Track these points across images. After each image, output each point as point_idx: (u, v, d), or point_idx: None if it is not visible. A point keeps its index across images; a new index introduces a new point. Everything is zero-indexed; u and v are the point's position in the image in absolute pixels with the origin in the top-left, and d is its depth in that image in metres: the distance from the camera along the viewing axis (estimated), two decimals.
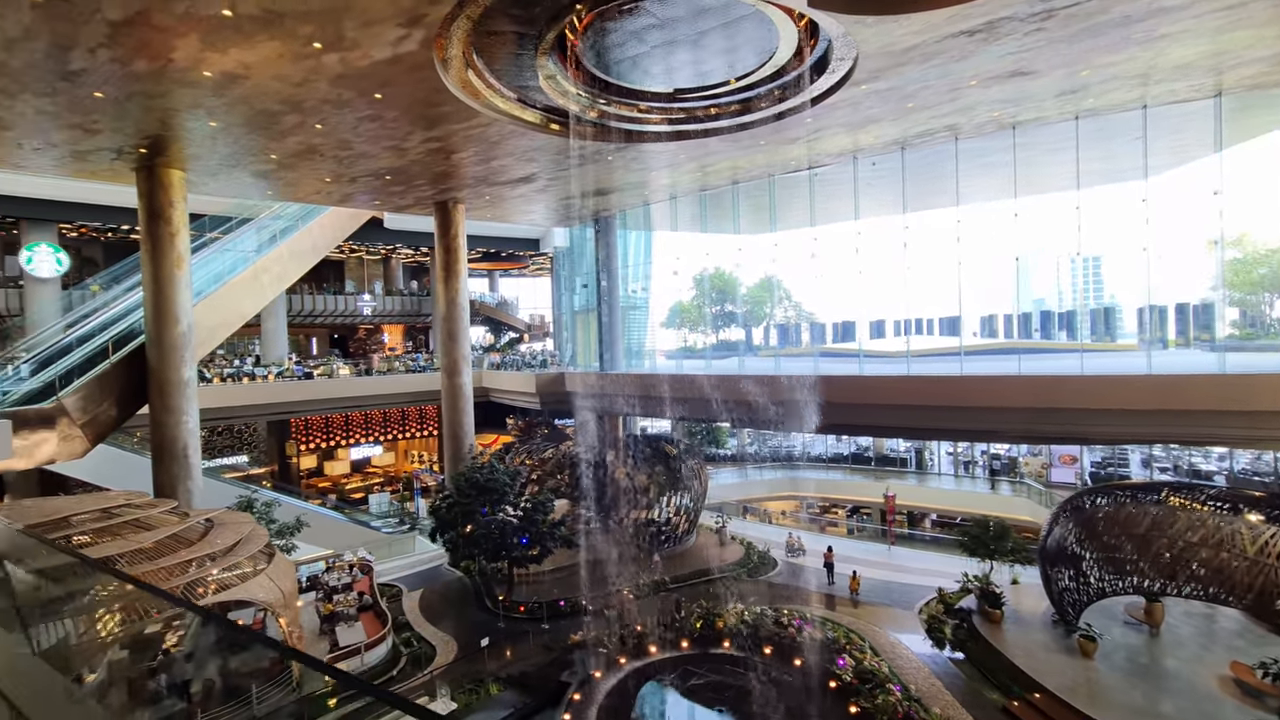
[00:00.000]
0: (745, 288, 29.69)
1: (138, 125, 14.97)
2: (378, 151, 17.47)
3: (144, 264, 18.36)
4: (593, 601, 19.74)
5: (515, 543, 19.33)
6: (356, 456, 39.86)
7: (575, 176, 20.68)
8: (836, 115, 15.82)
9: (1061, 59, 12.81)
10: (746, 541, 24.76)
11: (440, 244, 24.45)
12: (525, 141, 17.17)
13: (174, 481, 18.30)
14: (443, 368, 24.71)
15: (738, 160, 19.88)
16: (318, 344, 43.17)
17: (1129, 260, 17.18)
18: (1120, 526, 14.35)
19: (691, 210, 25.39)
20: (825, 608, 20.08)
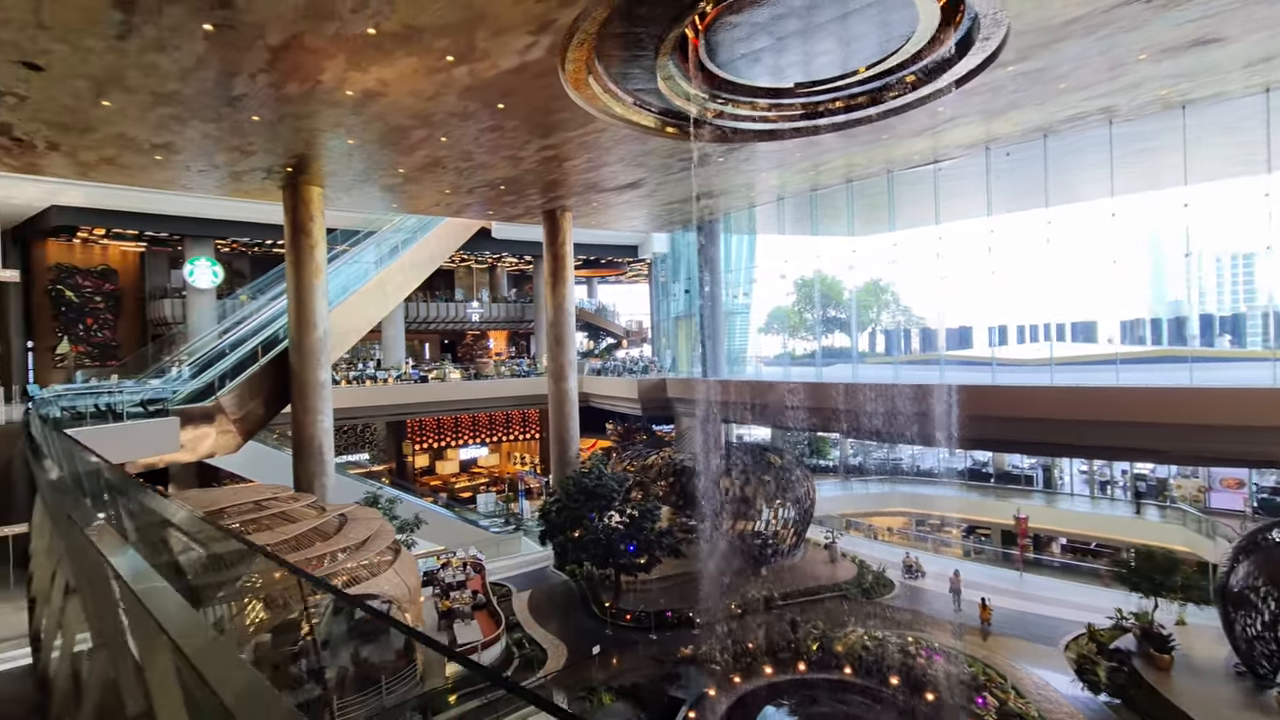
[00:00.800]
0: (853, 291, 28.25)
1: (286, 145, 16.18)
2: (495, 161, 17.98)
3: (288, 274, 19.87)
4: (701, 614, 19.27)
5: (622, 550, 19.22)
6: (464, 457, 41.57)
7: (685, 180, 20.42)
8: (973, 102, 14.59)
9: (1260, 20, 11.07)
10: (859, 559, 23.40)
11: (548, 251, 24.96)
12: (637, 146, 17.10)
13: (310, 477, 19.61)
14: (549, 372, 25.16)
15: (854, 157, 18.88)
16: (430, 349, 45.51)
17: None
18: None
19: (799, 212, 24.47)
20: (952, 637, 18.56)
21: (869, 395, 17.82)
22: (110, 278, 31.63)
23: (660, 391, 28.89)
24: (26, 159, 16.41)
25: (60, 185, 24.98)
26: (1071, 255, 17.84)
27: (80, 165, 17.12)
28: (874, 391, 17.40)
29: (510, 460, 43.85)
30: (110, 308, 31.61)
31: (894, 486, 37.80)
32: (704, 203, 24.55)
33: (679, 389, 28.06)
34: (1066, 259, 18.06)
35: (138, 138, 15.17)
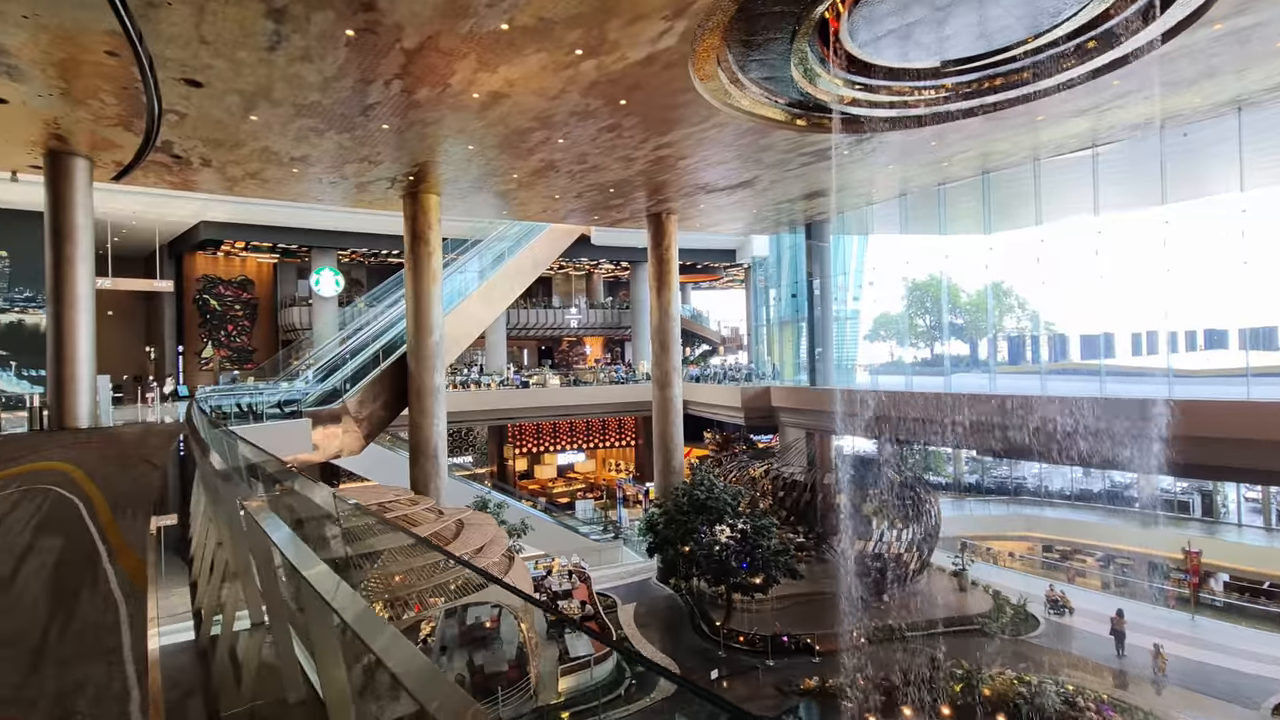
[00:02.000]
0: (981, 292, 25.90)
1: (410, 154, 16.53)
2: (608, 163, 17.63)
3: (407, 280, 20.42)
4: (821, 641, 17.95)
5: (735, 567, 18.24)
6: (561, 462, 41.89)
7: (802, 177, 19.30)
8: (1158, 71, 12.65)
9: None
10: (992, 589, 21.18)
11: (652, 255, 24.48)
12: (756, 141, 16.21)
13: (426, 479, 19.97)
14: (654, 379, 24.61)
15: (995, 144, 17.08)
16: (528, 355, 46.40)
17: None
18: None
19: (920, 209, 22.60)
20: (1115, 685, 16.26)
21: (1049, 410, 15.60)
22: (248, 287, 34.20)
23: (764, 400, 27.64)
24: (183, 175, 17.69)
25: (208, 202, 27.14)
26: (1268, 248, 15.13)
27: (228, 180, 18.28)
28: (1062, 406, 15.20)
29: (605, 467, 43.79)
30: (247, 315, 34.18)
31: (1017, 508, 34.53)
32: (815, 201, 23.24)
33: (785, 398, 26.72)
34: (1262, 252, 15.34)
35: (279, 151, 15.93)
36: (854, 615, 19.50)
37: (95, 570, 4.15)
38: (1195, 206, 19.16)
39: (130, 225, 27.35)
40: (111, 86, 12.02)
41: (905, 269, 27.40)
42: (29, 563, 4.40)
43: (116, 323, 30.41)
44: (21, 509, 6.12)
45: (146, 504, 6.15)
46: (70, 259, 15.42)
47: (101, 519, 5.61)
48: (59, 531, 5.23)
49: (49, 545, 4.80)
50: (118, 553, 4.49)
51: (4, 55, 10.77)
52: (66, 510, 6.10)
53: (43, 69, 11.29)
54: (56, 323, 15.22)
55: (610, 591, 23.04)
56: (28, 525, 5.45)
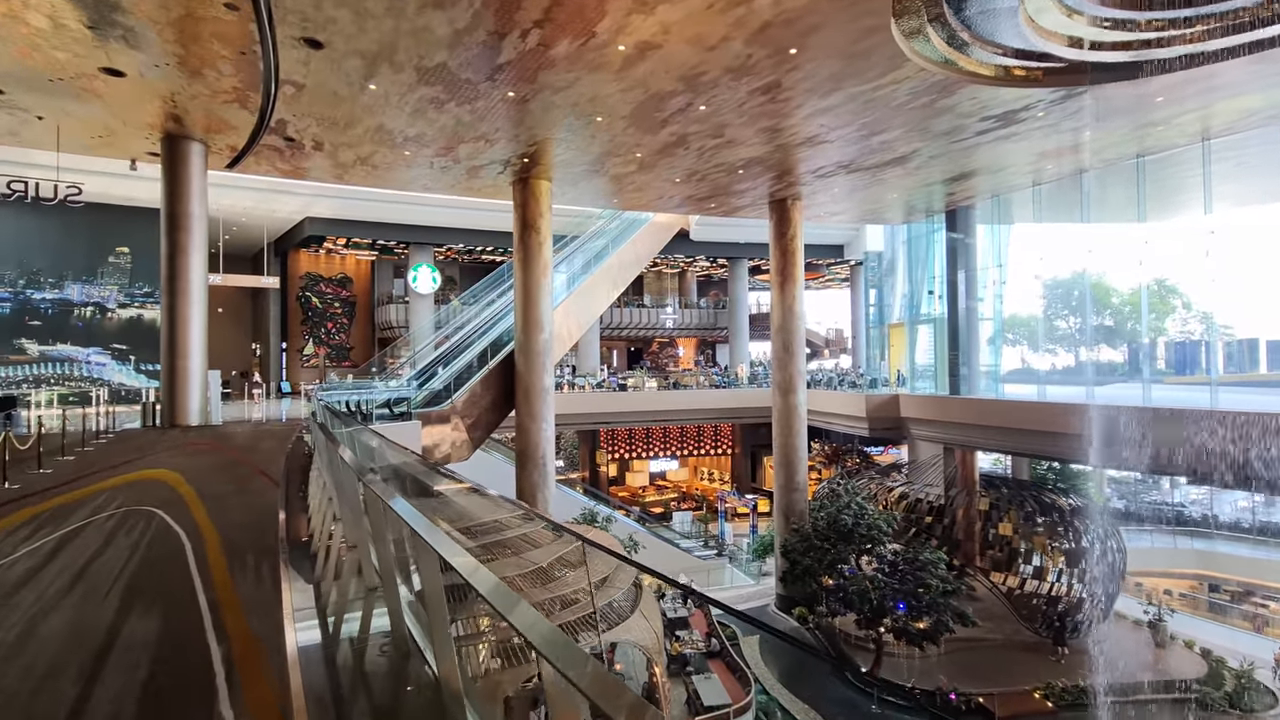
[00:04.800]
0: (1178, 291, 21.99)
1: (531, 131, 14.90)
2: (748, 136, 15.41)
3: (516, 272, 18.93)
4: (999, 704, 14.99)
5: (891, 608, 15.55)
6: (653, 470, 39.93)
7: (973, 150, 16.43)
8: None
9: None
10: (1200, 648, 17.45)
11: (776, 246, 22.08)
12: (936, 101, 13.56)
13: (533, 487, 18.36)
14: (775, 384, 22.17)
15: (1248, 99, 13.65)
16: (618, 356, 44.80)
17: None
18: None
19: (1111, 188, 19.10)
20: None
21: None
22: (347, 285, 34.15)
23: (892, 410, 24.58)
24: (294, 162, 16.79)
25: (313, 198, 26.85)
26: None
27: (339, 166, 17.29)
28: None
29: (698, 475, 41.51)
30: (346, 313, 34.11)
31: (1184, 540, 29.80)
32: (967, 183, 20.17)
33: (919, 408, 23.59)
34: None
35: (394, 130, 14.65)
36: (1030, 669, 16.42)
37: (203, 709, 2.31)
38: None
39: (240, 222, 27.43)
40: (229, 51, 10.87)
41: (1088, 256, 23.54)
42: (109, 665, 2.67)
43: (225, 319, 30.80)
44: (114, 548, 4.54)
45: (272, 548, 4.44)
46: (184, 248, 14.66)
47: (215, 575, 3.88)
48: (154, 598, 3.53)
49: (138, 633, 3.06)
50: (239, 665, 2.65)
51: (121, 13, 9.71)
52: (168, 551, 4.47)
53: (160, 30, 10.21)
54: (170, 314, 14.48)
55: (725, 619, 20.74)
56: (116, 579, 3.79)
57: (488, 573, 1.90)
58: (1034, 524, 19.15)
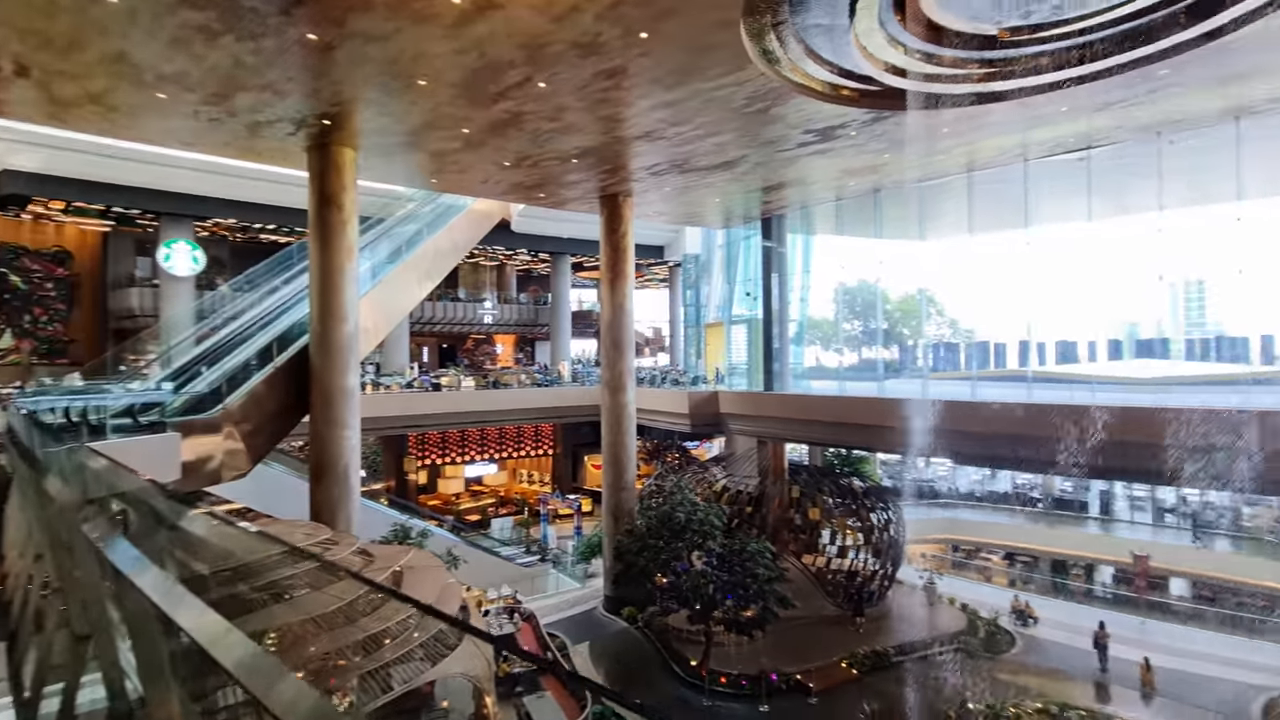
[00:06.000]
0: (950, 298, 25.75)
1: (336, 86, 12.59)
2: (588, 123, 14.67)
3: (312, 255, 16.10)
4: (815, 678, 16.08)
5: (721, 599, 15.90)
6: (469, 475, 37.53)
7: (793, 161, 17.47)
8: (1202, 69, 11.99)
9: None
10: (962, 604, 20.54)
11: (606, 242, 21.67)
12: (770, 109, 14.03)
13: (334, 506, 15.76)
14: (604, 383, 21.77)
15: (1011, 137, 16.15)
16: (429, 353, 41.39)
17: None
18: None
19: (888, 209, 21.70)
20: (1097, 701, 15.86)
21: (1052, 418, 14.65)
22: (65, 261, 26.94)
23: (712, 406, 25.69)
24: None
25: (11, 145, 20.63)
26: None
27: (54, 104, 13.14)
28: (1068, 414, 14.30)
29: (517, 479, 39.97)
30: (63, 296, 26.89)
31: (938, 512, 35.38)
32: (782, 193, 21.63)
33: (736, 404, 24.92)
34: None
35: (142, 62, 11.38)
36: (829, 642, 17.96)
37: None
38: (1118, 224, 19.85)
39: None
40: None
41: (844, 271, 26.66)
42: None
43: None
44: None
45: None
46: None
47: None
48: None
49: None
50: None
51: None
52: None
53: None
54: None
55: (553, 628, 19.85)
56: None
57: (241, 638, 1.54)
58: (835, 507, 21.12)
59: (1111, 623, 18.31)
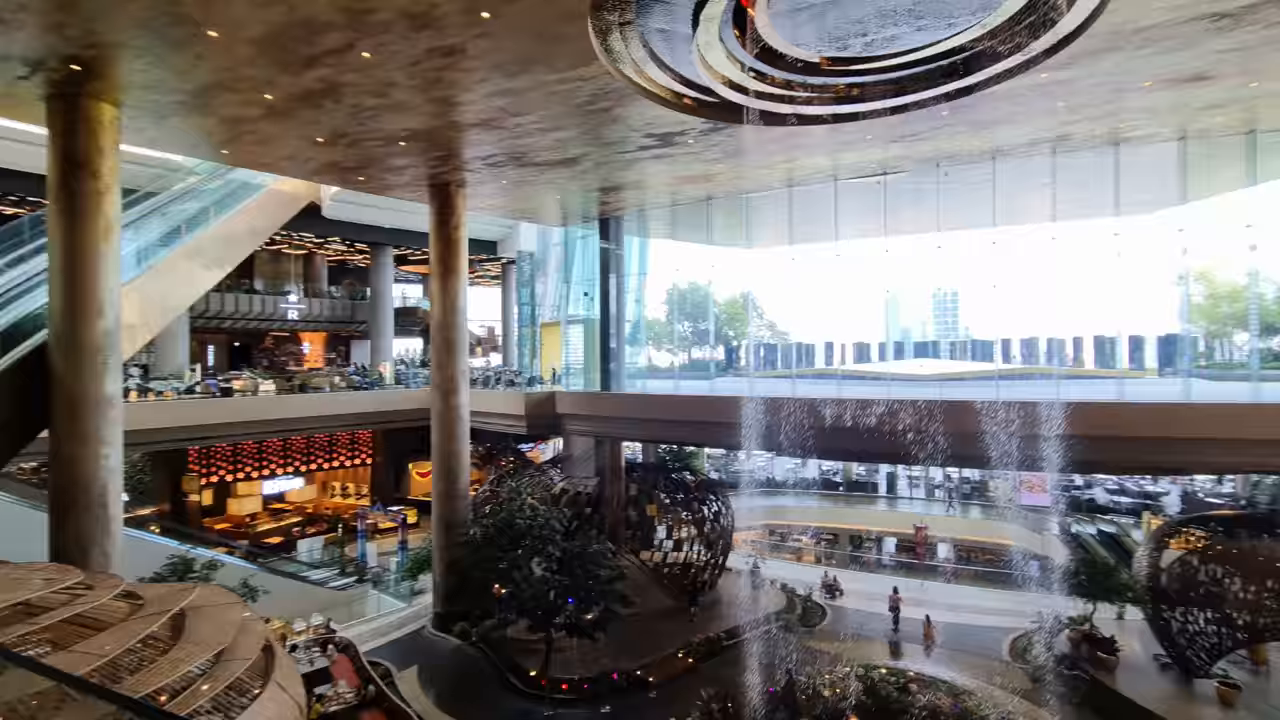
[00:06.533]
0: (749, 303, 27.78)
1: (88, 25, 10.16)
2: (419, 103, 13.48)
3: (53, 231, 12.91)
4: (655, 671, 16.39)
5: (563, 604, 15.58)
6: (268, 491, 32.99)
7: (633, 164, 17.65)
8: (973, 113, 14.21)
9: (1261, 63, 11.94)
10: (782, 584, 22.33)
11: (438, 235, 20.23)
12: (613, 110, 14.00)
13: (86, 540, 12.78)
14: (435, 385, 20.30)
15: (825, 158, 17.80)
16: (215, 353, 35.67)
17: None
18: (1271, 563, 13.60)
19: (719, 217, 22.96)
20: (892, 658, 18.17)
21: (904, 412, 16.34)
22: None
23: (549, 408, 25.25)
24: None
25: None
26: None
27: None
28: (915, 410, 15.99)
29: (328, 492, 36.02)
30: None
31: (750, 500, 38.29)
32: (621, 195, 21.89)
33: (574, 404, 24.76)
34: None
35: None
36: (666, 634, 18.52)
37: None
38: (906, 241, 23.19)
39: None
40: None
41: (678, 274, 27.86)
42: None
43: None
44: None
45: None
46: None
47: None
48: None
49: None
50: None
51: None
52: None
53: None
54: None
55: (376, 655, 18.10)
56: None
57: None
58: (671, 502, 21.83)
59: (901, 587, 21.13)
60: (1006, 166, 17.14)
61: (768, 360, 29.87)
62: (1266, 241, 15.16)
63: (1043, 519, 28.41)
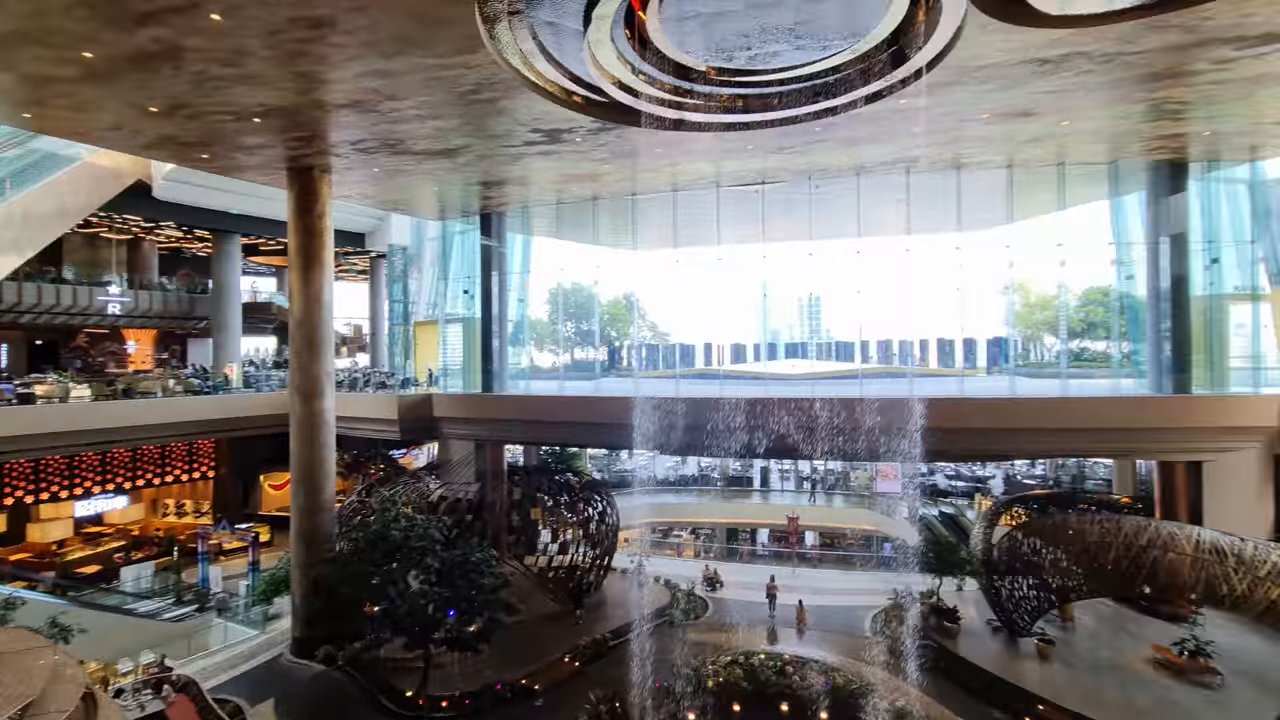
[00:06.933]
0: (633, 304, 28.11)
1: None
2: (278, 77, 12.17)
3: None
4: (540, 678, 16.03)
5: (443, 617, 14.77)
6: (82, 513, 28.37)
7: (519, 160, 17.15)
8: (842, 130, 15.31)
9: (1072, 104, 13.88)
10: (666, 580, 22.73)
11: (299, 224, 18.43)
12: (499, 102, 13.51)
13: None
14: (296, 388, 18.48)
15: (707, 165, 18.32)
16: (10, 354, 30.06)
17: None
18: (1078, 535, 15.88)
19: (602, 217, 22.99)
20: (768, 643, 19.14)
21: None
22: None
23: (424, 410, 23.99)
24: None
25: None
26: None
27: None
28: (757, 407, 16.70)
29: (159, 511, 31.68)
30: None
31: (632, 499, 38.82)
32: (504, 190, 21.24)
33: (453, 407, 23.69)
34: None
35: None
36: (559, 637, 18.24)
37: None
38: (782, 247, 24.74)
39: None
40: None
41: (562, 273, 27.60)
42: None
43: None
44: None
45: None
46: None
47: None
48: None
49: None
50: None
51: None
52: None
53: None
54: None
55: (225, 692, 16.19)
56: None
57: None
58: (556, 504, 21.49)
59: (776, 575, 22.31)
60: (869, 182, 18.69)
61: (650, 360, 30.42)
62: (1072, 258, 17.79)
63: (894, 504, 31.39)
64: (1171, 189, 18.19)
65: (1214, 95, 13.51)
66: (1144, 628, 17.74)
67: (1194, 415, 17.30)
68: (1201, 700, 14.29)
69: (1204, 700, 14.28)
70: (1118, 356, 21.17)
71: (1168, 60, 11.86)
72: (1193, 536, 14.80)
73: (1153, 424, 17.30)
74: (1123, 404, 18.27)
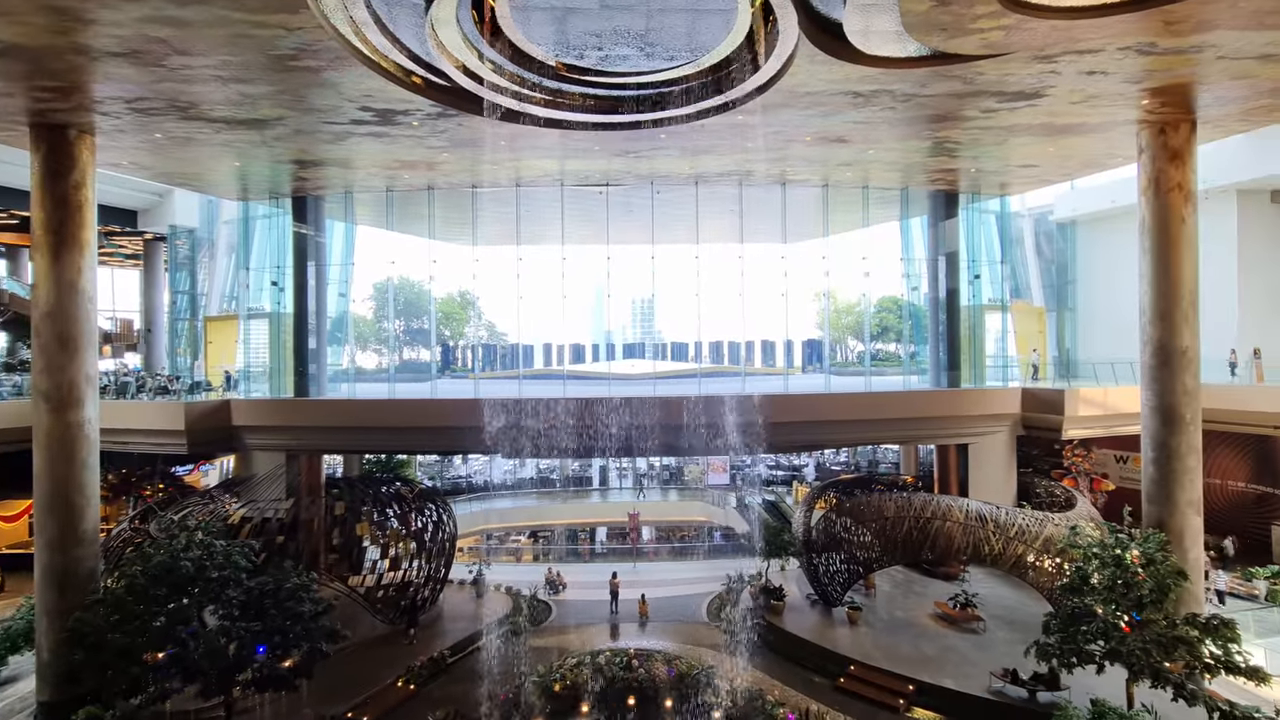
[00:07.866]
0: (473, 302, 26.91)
1: None
2: (22, 7, 9.71)
3: None
4: (370, 708, 14.64)
5: (249, 655, 12.88)
6: None
7: (345, 140, 15.48)
8: (684, 139, 15.93)
9: (877, 135, 15.78)
10: (507, 588, 22.01)
11: (48, 194, 14.89)
12: (325, 73, 12.08)
13: None
14: (44, 396, 14.92)
15: (552, 163, 18.01)
16: None
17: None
18: (879, 512, 18.11)
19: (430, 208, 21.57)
20: (612, 639, 19.44)
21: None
22: None
23: (222, 419, 20.77)
24: None
25: None
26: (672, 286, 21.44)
27: None
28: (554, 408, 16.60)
29: None
30: None
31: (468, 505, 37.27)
32: (324, 171, 19.14)
33: (259, 414, 20.81)
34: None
35: None
36: (390, 660, 16.85)
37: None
38: (624, 249, 25.35)
39: None
40: None
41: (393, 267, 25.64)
42: None
43: None
44: None
45: None
46: None
47: None
48: None
49: None
50: None
51: None
52: None
53: None
54: None
55: None
56: None
57: None
58: (385, 517, 19.82)
59: (619, 571, 22.63)
60: (707, 192, 19.73)
61: (488, 361, 29.31)
62: (873, 270, 20.37)
63: (724, 496, 33.55)
64: (947, 214, 21.59)
65: (979, 138, 16.20)
66: (927, 587, 20.77)
67: (963, 405, 20.66)
68: (971, 644, 17.03)
69: (973, 644, 17.03)
70: (906, 357, 24.79)
71: (949, 105, 13.95)
72: (964, 507, 17.60)
73: (933, 414, 20.35)
74: (911, 398, 21.29)
